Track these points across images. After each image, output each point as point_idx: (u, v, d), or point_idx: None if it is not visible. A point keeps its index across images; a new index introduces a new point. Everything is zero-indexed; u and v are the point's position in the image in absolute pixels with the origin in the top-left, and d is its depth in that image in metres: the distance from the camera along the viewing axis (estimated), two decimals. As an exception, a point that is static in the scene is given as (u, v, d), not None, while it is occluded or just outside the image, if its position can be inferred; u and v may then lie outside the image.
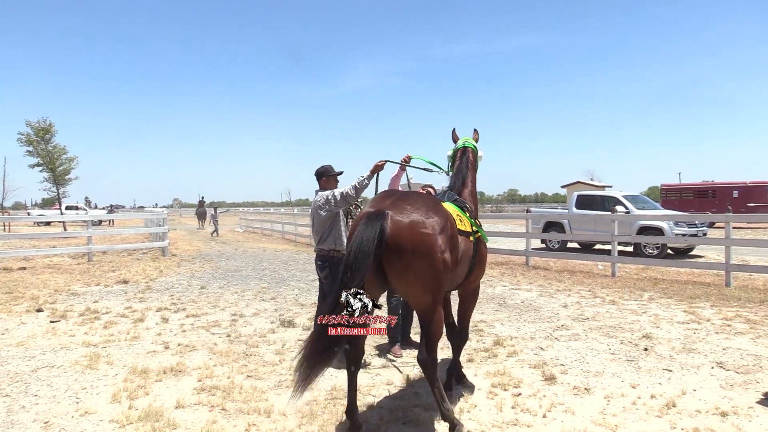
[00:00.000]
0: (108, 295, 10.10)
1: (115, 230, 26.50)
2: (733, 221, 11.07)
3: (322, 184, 5.91)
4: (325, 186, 5.87)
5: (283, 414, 4.43)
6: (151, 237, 22.67)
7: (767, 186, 33.45)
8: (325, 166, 5.96)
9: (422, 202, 4.10)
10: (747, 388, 4.90)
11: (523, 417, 4.32)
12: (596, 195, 18.88)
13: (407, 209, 3.94)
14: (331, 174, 5.93)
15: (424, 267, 3.83)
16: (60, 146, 28.83)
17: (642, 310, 8.32)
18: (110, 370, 5.65)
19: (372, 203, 4.30)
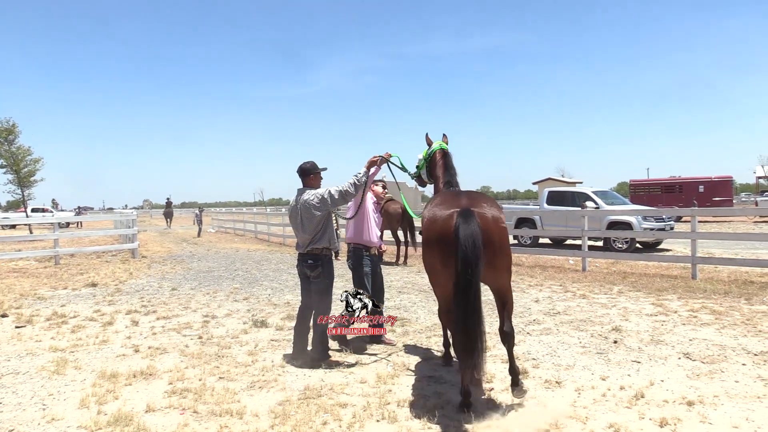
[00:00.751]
0: (76, 299, 9.90)
1: (83, 232, 26.01)
2: (699, 215, 11.35)
3: (308, 181, 5.76)
4: (312, 184, 5.75)
5: (255, 415, 4.39)
6: (120, 239, 22.29)
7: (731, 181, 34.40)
8: (311, 163, 5.81)
9: (487, 198, 4.69)
10: (712, 377, 5.01)
11: (495, 412, 4.34)
12: (567, 191, 19.14)
13: (485, 206, 4.43)
14: (317, 171, 5.80)
15: (507, 255, 4.47)
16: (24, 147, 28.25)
17: (612, 303, 8.46)
18: (78, 375, 5.54)
19: (445, 201, 4.61)
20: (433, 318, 7.62)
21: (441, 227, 4.34)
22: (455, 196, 4.67)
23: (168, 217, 40.15)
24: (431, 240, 4.50)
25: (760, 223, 28.22)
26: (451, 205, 4.44)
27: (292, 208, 5.78)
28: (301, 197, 5.67)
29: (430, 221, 4.52)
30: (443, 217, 4.39)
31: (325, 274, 5.72)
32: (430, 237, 4.52)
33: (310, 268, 5.68)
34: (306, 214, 5.58)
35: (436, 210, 4.55)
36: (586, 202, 16.61)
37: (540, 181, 38.98)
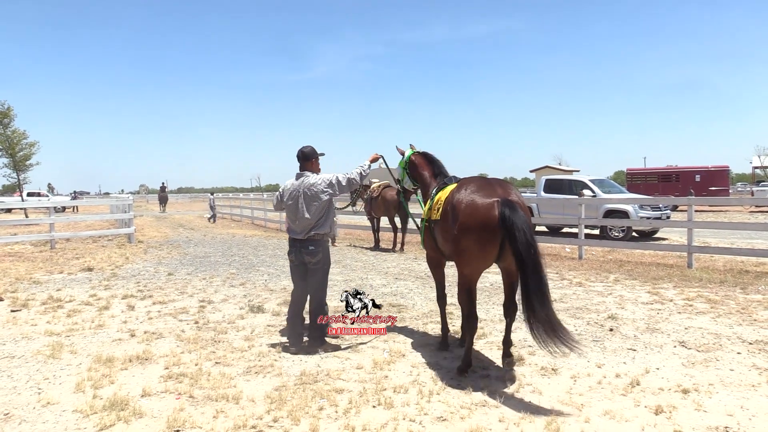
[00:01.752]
0: (72, 283, 9.88)
1: (79, 217, 25.93)
2: (696, 204, 11.33)
3: (309, 166, 5.69)
4: (312, 168, 5.71)
5: (251, 400, 4.39)
6: (116, 223, 22.23)
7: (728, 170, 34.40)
8: (311, 147, 5.76)
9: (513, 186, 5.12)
10: (707, 365, 5.03)
11: (491, 398, 4.36)
12: (564, 179, 19.13)
13: (517, 196, 4.86)
14: (317, 156, 5.78)
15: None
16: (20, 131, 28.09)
17: (608, 291, 8.48)
18: (74, 359, 5.53)
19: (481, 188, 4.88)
20: (430, 304, 7.63)
21: (484, 214, 4.63)
22: (487, 183, 4.99)
23: (162, 202, 41.22)
24: (472, 226, 4.69)
25: (755, 212, 28.30)
26: (490, 193, 4.76)
27: (292, 191, 5.64)
28: (305, 180, 5.58)
29: (471, 208, 4.74)
30: (485, 204, 4.67)
31: (325, 260, 5.70)
32: (470, 223, 4.71)
33: (311, 254, 5.58)
34: (311, 197, 5.51)
35: (475, 197, 4.79)
36: (583, 190, 16.61)
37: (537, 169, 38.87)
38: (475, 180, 5.18)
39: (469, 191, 4.90)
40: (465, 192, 4.93)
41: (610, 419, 3.96)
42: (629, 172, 37.27)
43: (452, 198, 5.02)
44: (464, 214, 4.76)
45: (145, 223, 26.86)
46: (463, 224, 4.75)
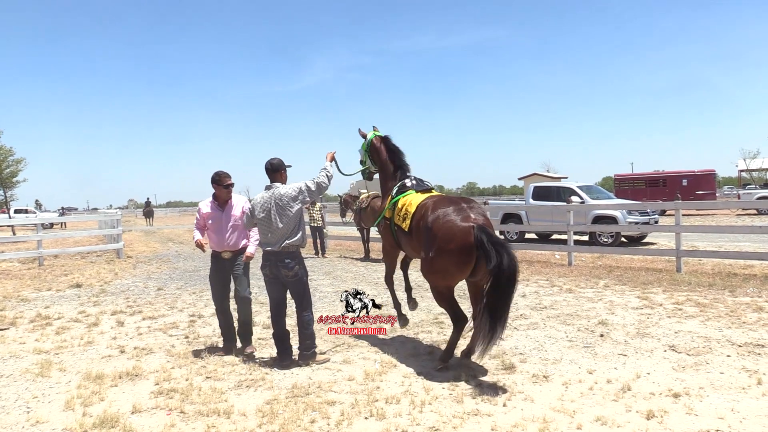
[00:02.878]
0: (60, 300, 9.79)
1: (67, 233, 25.71)
2: (683, 209, 11.44)
3: (278, 177, 5.64)
4: (282, 180, 5.66)
5: (243, 414, 4.37)
6: (105, 239, 22.08)
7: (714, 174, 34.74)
8: (278, 159, 5.70)
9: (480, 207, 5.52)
10: (698, 369, 5.06)
11: (483, 407, 4.36)
12: (552, 186, 19.23)
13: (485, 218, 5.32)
14: (285, 167, 5.73)
15: None
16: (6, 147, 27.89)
17: (598, 297, 8.51)
18: (63, 377, 5.47)
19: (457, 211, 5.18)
20: (421, 314, 7.64)
21: (462, 239, 4.96)
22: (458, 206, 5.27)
23: (148, 216, 43.32)
24: (451, 249, 5.03)
25: (742, 215, 28.58)
26: (464, 216, 5.10)
27: (263, 204, 5.52)
28: (276, 191, 5.50)
29: (450, 233, 5.05)
30: (463, 230, 5.00)
31: (302, 272, 5.63)
32: (449, 247, 5.04)
33: (287, 267, 5.48)
34: (282, 208, 5.43)
35: (451, 223, 5.10)
36: (571, 196, 16.72)
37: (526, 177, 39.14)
38: (444, 201, 5.47)
39: (445, 215, 5.19)
40: (440, 215, 5.22)
41: (602, 425, 3.97)
42: (617, 178, 37.55)
43: (426, 219, 5.33)
44: (443, 240, 5.07)
45: (134, 238, 26.68)
46: (441, 248, 5.09)
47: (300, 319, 5.65)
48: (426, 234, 5.29)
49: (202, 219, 6.10)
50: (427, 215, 5.36)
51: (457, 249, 5.00)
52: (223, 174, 6.05)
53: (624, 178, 37.45)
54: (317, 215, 16.53)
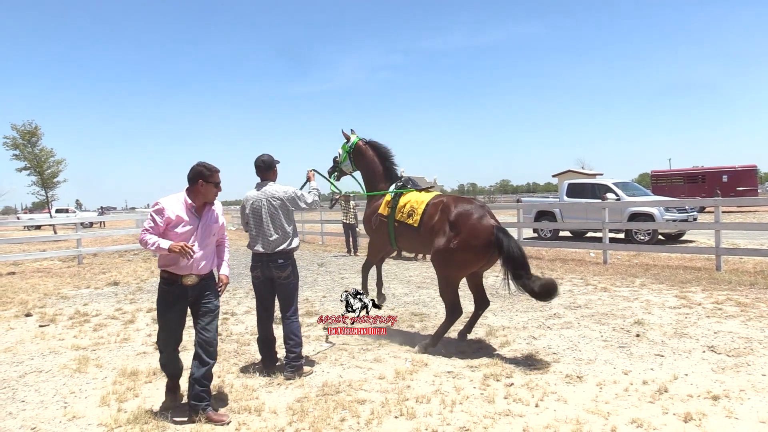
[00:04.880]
0: (98, 298, 10.02)
1: (105, 232, 26.35)
2: (723, 205, 11.10)
3: (270, 175, 5.40)
4: (273, 178, 5.42)
5: (273, 412, 4.39)
6: (142, 238, 22.49)
7: (755, 170, 33.66)
8: (269, 156, 5.44)
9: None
10: (738, 371, 4.90)
11: (515, 407, 4.30)
12: (587, 183, 18.88)
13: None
14: (275, 164, 5.49)
15: None
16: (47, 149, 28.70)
17: (634, 296, 8.33)
18: (99, 373, 5.59)
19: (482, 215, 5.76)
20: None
21: (487, 237, 5.58)
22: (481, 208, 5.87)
23: None
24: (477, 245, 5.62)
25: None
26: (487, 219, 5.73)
27: (254, 202, 5.32)
28: (267, 190, 5.31)
29: (476, 230, 5.64)
30: (488, 228, 5.63)
31: (295, 273, 5.42)
32: (475, 242, 5.62)
33: (280, 268, 5.26)
34: (275, 209, 5.25)
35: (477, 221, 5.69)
36: (606, 193, 16.39)
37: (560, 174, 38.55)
38: (462, 200, 6.04)
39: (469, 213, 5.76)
40: (464, 212, 5.78)
41: (637, 428, 3.87)
42: (654, 174, 36.75)
43: (448, 215, 5.82)
44: (470, 236, 5.63)
45: (169, 237, 27.17)
46: (466, 242, 5.63)
47: (287, 326, 5.36)
48: (447, 229, 5.76)
49: (163, 224, 4.25)
50: (449, 211, 5.83)
51: (482, 245, 5.60)
52: (213, 167, 4.48)
53: (661, 174, 36.63)
54: (350, 213, 16.54)
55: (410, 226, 6.19)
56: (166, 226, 4.27)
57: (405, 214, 6.26)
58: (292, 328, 5.35)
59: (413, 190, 6.51)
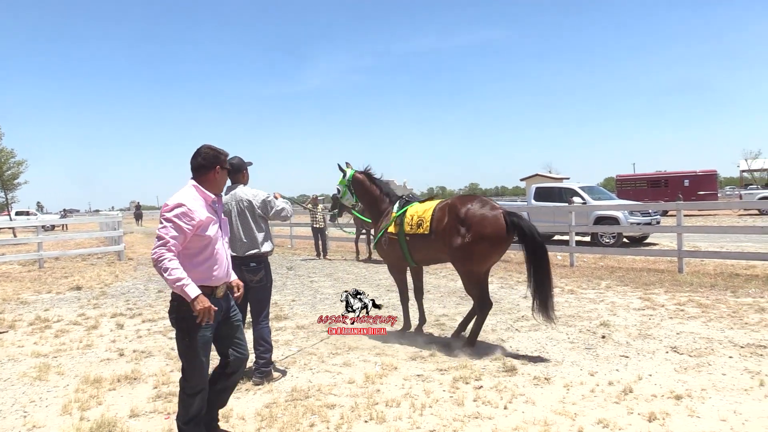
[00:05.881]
0: (60, 303, 9.77)
1: (68, 235, 25.71)
2: (684, 209, 11.39)
3: (240, 178, 5.29)
4: (244, 180, 5.31)
5: (242, 418, 4.33)
6: (106, 241, 22.06)
7: (716, 175, 34.62)
8: (238, 158, 5.31)
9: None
10: (700, 371, 5.02)
11: (484, 410, 4.32)
12: (554, 187, 19.17)
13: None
14: (246, 166, 5.39)
15: None
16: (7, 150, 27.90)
17: (600, 298, 8.47)
18: (61, 380, 5.44)
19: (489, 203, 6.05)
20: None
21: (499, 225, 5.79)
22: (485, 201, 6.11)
23: (138, 219, 48.61)
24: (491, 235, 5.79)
25: (744, 215, 28.50)
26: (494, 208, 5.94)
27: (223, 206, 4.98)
28: (237, 193, 5.22)
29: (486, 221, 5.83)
30: (496, 217, 5.84)
31: (268, 277, 5.32)
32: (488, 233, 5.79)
33: (252, 272, 5.14)
34: (243, 212, 5.16)
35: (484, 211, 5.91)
36: (573, 197, 16.66)
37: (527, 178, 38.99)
38: (467, 198, 6.18)
39: (474, 208, 5.93)
40: (470, 208, 5.94)
41: (603, 428, 3.93)
42: (619, 179, 37.44)
43: (457, 214, 5.96)
44: (481, 226, 5.80)
45: (135, 240, 26.68)
46: (478, 233, 5.79)
47: (258, 331, 5.25)
48: (459, 226, 5.92)
49: (192, 230, 3.43)
50: (457, 210, 5.99)
51: (494, 233, 5.79)
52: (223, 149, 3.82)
53: (626, 178, 37.35)
54: (319, 216, 16.49)
55: (421, 235, 6.31)
56: (195, 232, 3.43)
57: (414, 225, 6.40)
58: (263, 334, 5.25)
59: (415, 203, 6.68)
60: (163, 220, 3.37)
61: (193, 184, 3.60)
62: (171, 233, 3.30)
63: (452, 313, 7.85)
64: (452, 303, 8.64)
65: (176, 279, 3.25)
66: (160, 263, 3.27)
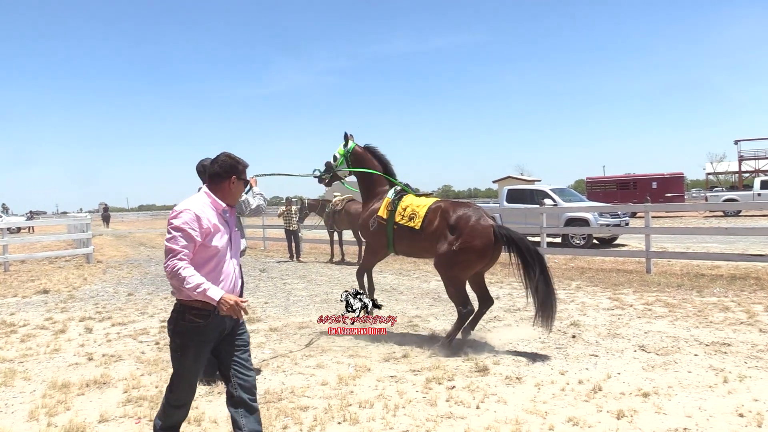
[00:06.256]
0: (26, 307, 9.55)
1: (34, 237, 25.17)
2: (652, 211, 11.62)
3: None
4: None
5: (214, 421, 4.30)
6: (74, 243, 21.60)
7: (682, 177, 35.41)
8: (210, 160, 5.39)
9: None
10: (666, 369, 5.13)
11: (457, 409, 4.36)
12: (526, 189, 19.42)
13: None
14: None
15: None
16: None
17: (570, 298, 8.60)
18: (27, 386, 5.33)
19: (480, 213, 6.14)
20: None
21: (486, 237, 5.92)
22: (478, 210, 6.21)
23: (106, 221, 48.77)
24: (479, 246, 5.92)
25: (709, 217, 29.19)
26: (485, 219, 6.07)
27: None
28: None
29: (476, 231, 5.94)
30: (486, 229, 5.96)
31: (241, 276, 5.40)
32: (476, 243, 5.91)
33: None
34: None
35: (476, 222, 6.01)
36: (544, 199, 16.86)
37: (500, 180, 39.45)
38: (460, 205, 6.35)
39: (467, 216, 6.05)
40: (463, 216, 6.06)
41: (573, 426, 4.00)
42: (589, 181, 38.02)
43: (448, 219, 6.08)
44: (470, 236, 5.92)
45: (104, 243, 26.20)
46: (466, 243, 5.90)
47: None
48: (448, 233, 6.03)
49: (201, 237, 3.22)
50: (448, 216, 6.10)
51: (482, 245, 5.91)
52: (244, 161, 3.63)
53: (596, 180, 37.94)
54: (293, 219, 16.43)
55: (411, 229, 6.34)
56: (203, 240, 3.22)
57: (406, 217, 6.40)
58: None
59: (412, 194, 6.71)
60: (170, 229, 3.18)
61: (205, 190, 3.45)
62: (180, 243, 3.13)
63: (425, 315, 7.89)
64: (425, 304, 8.68)
65: (196, 286, 3.05)
66: (176, 275, 3.07)
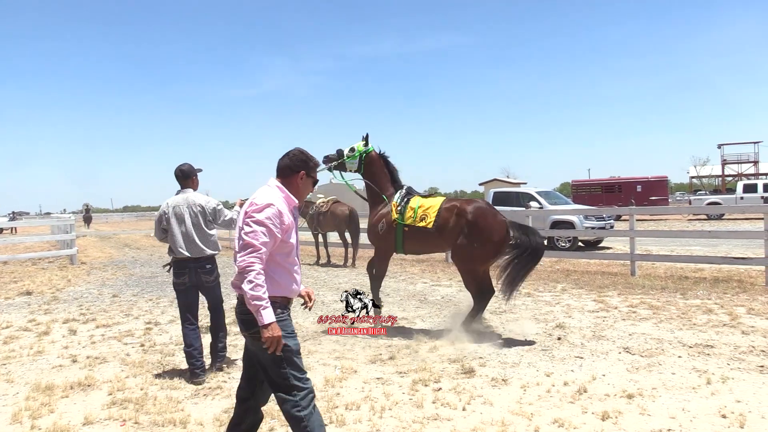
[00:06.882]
0: (9, 308, 9.44)
1: (17, 238, 24.86)
2: (637, 214, 11.73)
3: (190, 183, 5.54)
4: (194, 186, 5.57)
5: (200, 423, 4.28)
6: (58, 244, 21.38)
7: (666, 181, 35.78)
8: (188, 164, 5.59)
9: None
10: (651, 370, 5.19)
11: (443, 411, 4.38)
12: (512, 192, 19.48)
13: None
14: (196, 173, 5.63)
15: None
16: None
17: (555, 301, 8.66)
18: (10, 388, 5.27)
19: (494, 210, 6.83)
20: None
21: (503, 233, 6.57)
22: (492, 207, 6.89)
23: (87, 222, 48.26)
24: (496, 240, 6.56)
25: (693, 220, 29.52)
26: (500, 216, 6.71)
27: (176, 209, 5.40)
28: (189, 198, 5.44)
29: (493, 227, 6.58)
30: (502, 224, 6.62)
31: (217, 274, 5.65)
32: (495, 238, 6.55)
33: (208, 273, 5.46)
34: (196, 216, 5.38)
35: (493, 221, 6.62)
36: (530, 202, 16.96)
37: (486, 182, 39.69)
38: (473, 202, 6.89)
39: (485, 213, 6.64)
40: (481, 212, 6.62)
41: (559, 427, 4.03)
42: (574, 184, 38.30)
43: (465, 217, 6.59)
44: (488, 232, 6.53)
45: (88, 244, 25.93)
46: (485, 238, 6.50)
47: (217, 318, 5.70)
48: (466, 229, 6.55)
49: (280, 235, 3.11)
50: (465, 213, 6.61)
51: (499, 239, 6.54)
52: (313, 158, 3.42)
53: (581, 183, 38.24)
54: None
55: (423, 228, 6.77)
56: (284, 235, 3.12)
57: (417, 218, 6.83)
58: (222, 325, 5.68)
59: (417, 196, 7.11)
60: (252, 222, 3.02)
61: (277, 184, 3.25)
62: (261, 239, 2.98)
63: (411, 317, 7.90)
64: (412, 306, 8.70)
65: (257, 297, 2.94)
66: (248, 274, 2.96)
